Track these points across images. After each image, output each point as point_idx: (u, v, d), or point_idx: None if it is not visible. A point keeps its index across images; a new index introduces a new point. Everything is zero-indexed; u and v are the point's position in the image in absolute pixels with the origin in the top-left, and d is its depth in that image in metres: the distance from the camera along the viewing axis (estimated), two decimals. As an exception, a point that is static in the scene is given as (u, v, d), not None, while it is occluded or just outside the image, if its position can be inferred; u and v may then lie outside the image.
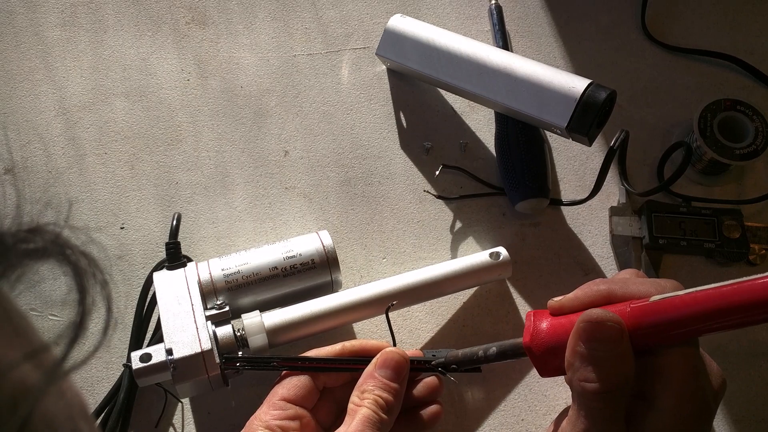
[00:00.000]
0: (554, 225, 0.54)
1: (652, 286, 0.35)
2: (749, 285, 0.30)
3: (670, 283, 0.35)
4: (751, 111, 0.54)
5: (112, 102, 0.58)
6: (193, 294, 0.44)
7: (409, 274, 0.47)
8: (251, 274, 0.45)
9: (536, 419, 0.48)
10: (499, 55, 0.52)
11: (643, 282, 0.36)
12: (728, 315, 0.31)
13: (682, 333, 0.33)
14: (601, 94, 0.48)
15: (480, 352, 0.41)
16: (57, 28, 0.60)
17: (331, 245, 0.47)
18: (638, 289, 0.35)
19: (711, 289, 0.32)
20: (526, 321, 0.38)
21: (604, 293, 0.36)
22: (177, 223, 0.48)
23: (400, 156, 0.56)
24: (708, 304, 0.31)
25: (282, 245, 0.47)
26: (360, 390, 0.41)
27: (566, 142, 0.57)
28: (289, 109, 0.58)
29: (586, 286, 0.37)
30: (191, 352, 0.41)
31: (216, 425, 0.47)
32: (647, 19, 0.62)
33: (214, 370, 0.42)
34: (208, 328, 0.43)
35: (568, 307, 0.37)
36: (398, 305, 0.46)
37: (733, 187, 0.56)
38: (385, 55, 0.56)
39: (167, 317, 0.43)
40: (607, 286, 0.36)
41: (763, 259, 0.52)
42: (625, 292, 0.35)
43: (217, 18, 0.62)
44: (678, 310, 0.32)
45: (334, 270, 0.47)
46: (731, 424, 0.48)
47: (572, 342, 0.34)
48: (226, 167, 0.55)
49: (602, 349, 0.33)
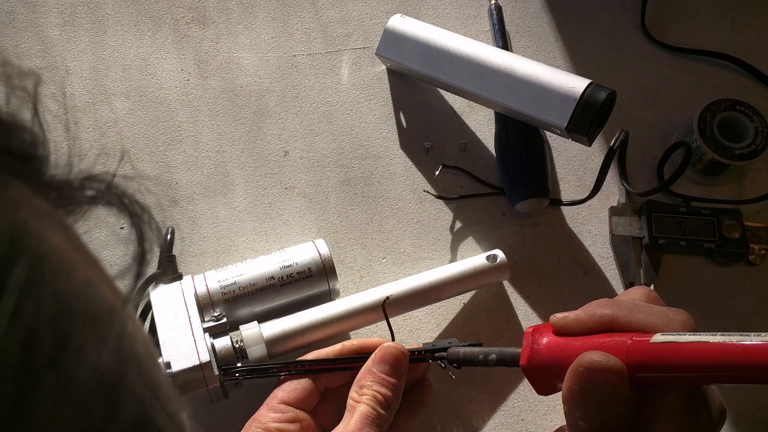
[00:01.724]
0: (554, 225, 0.54)
1: (658, 318, 0.33)
2: (757, 347, 0.29)
3: (678, 315, 0.33)
4: (750, 111, 0.54)
5: (112, 102, 0.58)
6: (190, 307, 0.44)
7: (406, 280, 0.47)
8: (248, 285, 0.45)
9: (536, 419, 0.48)
10: (499, 55, 0.52)
11: (649, 311, 0.34)
12: (731, 372, 0.30)
13: (679, 380, 0.32)
14: (601, 94, 0.48)
15: (480, 355, 0.40)
16: (57, 28, 0.60)
17: (328, 254, 0.47)
18: (643, 319, 0.33)
19: (717, 343, 0.30)
20: (524, 339, 0.37)
21: (607, 320, 0.34)
22: (171, 236, 0.48)
23: (400, 156, 0.56)
24: (711, 359, 0.30)
25: (278, 255, 0.47)
26: (358, 386, 0.41)
27: (566, 142, 0.57)
28: (289, 109, 0.58)
29: (590, 308, 0.35)
30: (189, 365, 0.41)
31: (216, 425, 0.47)
32: (647, 19, 0.62)
33: (213, 383, 0.41)
34: (206, 341, 0.42)
35: (571, 329, 0.35)
36: (396, 312, 0.46)
37: (732, 187, 0.56)
38: (385, 55, 0.56)
39: (164, 331, 0.42)
40: (611, 311, 0.34)
41: (762, 260, 0.53)
42: (629, 321, 0.34)
43: (217, 18, 0.62)
44: (679, 359, 0.31)
45: (331, 279, 0.47)
46: (731, 424, 0.48)
47: (569, 380, 0.33)
48: (226, 167, 0.55)
49: (600, 391, 0.32)
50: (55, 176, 0.18)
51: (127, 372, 0.16)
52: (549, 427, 0.48)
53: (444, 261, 0.53)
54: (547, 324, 0.37)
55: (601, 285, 0.52)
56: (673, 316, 0.33)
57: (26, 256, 0.14)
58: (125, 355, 0.16)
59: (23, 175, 0.16)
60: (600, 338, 0.34)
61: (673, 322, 0.33)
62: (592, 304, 0.36)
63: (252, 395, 0.46)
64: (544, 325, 0.37)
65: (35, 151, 0.17)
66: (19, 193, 0.16)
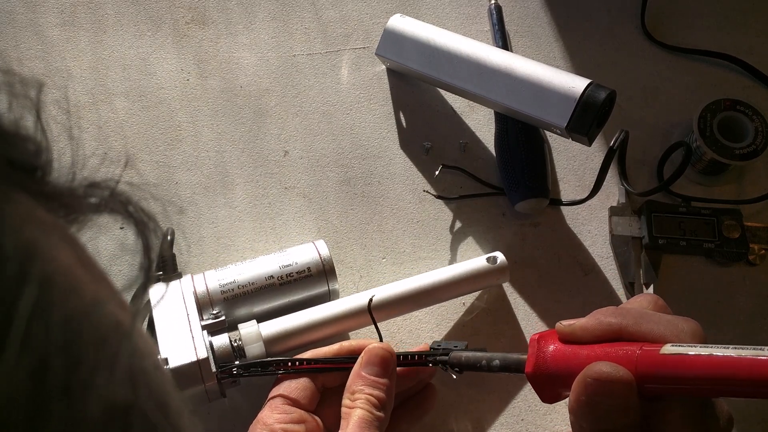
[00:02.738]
0: (554, 225, 0.54)
1: (667, 328, 0.33)
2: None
3: (688, 324, 0.33)
4: (750, 111, 0.54)
5: (112, 102, 0.58)
6: (189, 305, 0.44)
7: (406, 281, 0.47)
8: (247, 284, 0.45)
9: (536, 419, 0.48)
10: (499, 55, 0.52)
11: (658, 321, 0.33)
12: (742, 387, 0.29)
13: (689, 392, 0.31)
14: (600, 94, 0.48)
15: (483, 361, 0.39)
16: (57, 27, 0.60)
17: (328, 255, 0.47)
18: (652, 329, 0.33)
19: (729, 357, 0.30)
20: (530, 346, 0.36)
21: (615, 328, 0.34)
22: (171, 238, 0.48)
23: (399, 156, 0.56)
24: (723, 373, 0.29)
25: (278, 256, 0.47)
26: (350, 391, 0.40)
27: (566, 142, 0.57)
28: (289, 109, 0.58)
29: (597, 316, 0.35)
30: (187, 361, 0.41)
31: (216, 425, 0.47)
32: (647, 19, 0.62)
33: (211, 380, 0.41)
34: (204, 338, 0.42)
35: (578, 337, 0.35)
36: (396, 313, 0.46)
37: (732, 187, 0.56)
38: (385, 55, 0.56)
39: (163, 327, 0.43)
40: (619, 320, 0.34)
41: (762, 260, 0.53)
42: (637, 330, 0.33)
43: (217, 18, 0.62)
44: (690, 371, 0.30)
45: (331, 280, 0.47)
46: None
47: (576, 391, 0.32)
48: (226, 167, 0.55)
49: (608, 403, 0.32)
50: (58, 185, 0.17)
51: (138, 392, 0.16)
52: (549, 427, 0.48)
53: (444, 261, 0.53)
54: (552, 331, 0.36)
55: (601, 285, 0.52)
56: (683, 326, 0.33)
57: (35, 279, 0.13)
58: (136, 373, 0.16)
59: (27, 186, 0.16)
60: (608, 347, 0.33)
61: (682, 331, 0.32)
62: (599, 312, 0.35)
63: (252, 395, 0.46)
64: (550, 332, 0.36)
65: (38, 160, 0.16)
66: (25, 208, 0.15)
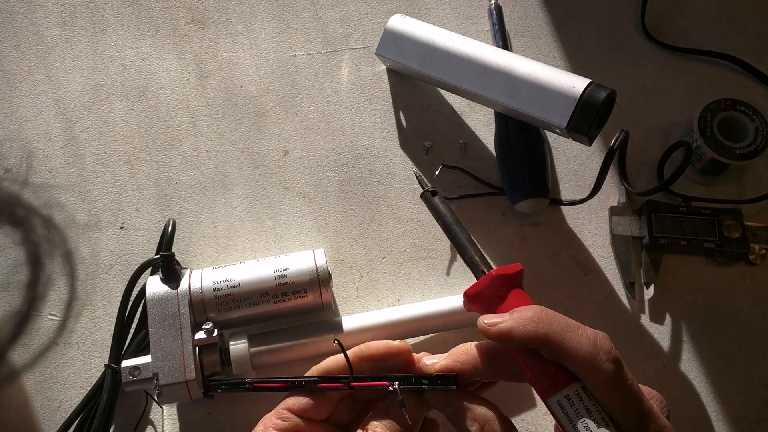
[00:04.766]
0: (554, 225, 0.54)
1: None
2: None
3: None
4: (750, 111, 0.54)
5: (112, 102, 0.58)
6: (183, 316, 0.44)
7: (397, 308, 0.48)
8: (242, 298, 0.45)
9: (536, 419, 0.48)
10: (499, 55, 0.52)
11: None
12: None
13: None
14: (600, 94, 0.48)
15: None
16: (56, 28, 0.60)
17: (324, 266, 0.46)
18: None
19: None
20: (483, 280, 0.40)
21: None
22: (172, 230, 0.47)
23: (399, 156, 0.56)
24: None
25: (275, 263, 0.46)
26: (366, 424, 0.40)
27: (566, 142, 0.57)
28: (289, 109, 0.58)
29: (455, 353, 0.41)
30: (176, 381, 0.42)
31: (215, 425, 0.47)
32: (647, 19, 0.62)
33: (198, 396, 0.43)
34: (195, 357, 0.43)
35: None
36: (382, 338, 0.46)
37: (733, 186, 0.56)
38: (385, 55, 0.56)
39: (156, 338, 0.43)
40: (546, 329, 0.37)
41: (763, 259, 0.52)
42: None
43: (217, 18, 0.62)
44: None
45: (325, 293, 0.46)
46: (731, 424, 0.48)
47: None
48: (226, 167, 0.55)
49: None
50: None
51: None
52: (549, 427, 0.48)
53: (444, 261, 0.53)
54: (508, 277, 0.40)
55: (601, 285, 0.52)
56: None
57: None
58: None
59: None
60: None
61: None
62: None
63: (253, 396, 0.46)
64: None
65: None
66: None
